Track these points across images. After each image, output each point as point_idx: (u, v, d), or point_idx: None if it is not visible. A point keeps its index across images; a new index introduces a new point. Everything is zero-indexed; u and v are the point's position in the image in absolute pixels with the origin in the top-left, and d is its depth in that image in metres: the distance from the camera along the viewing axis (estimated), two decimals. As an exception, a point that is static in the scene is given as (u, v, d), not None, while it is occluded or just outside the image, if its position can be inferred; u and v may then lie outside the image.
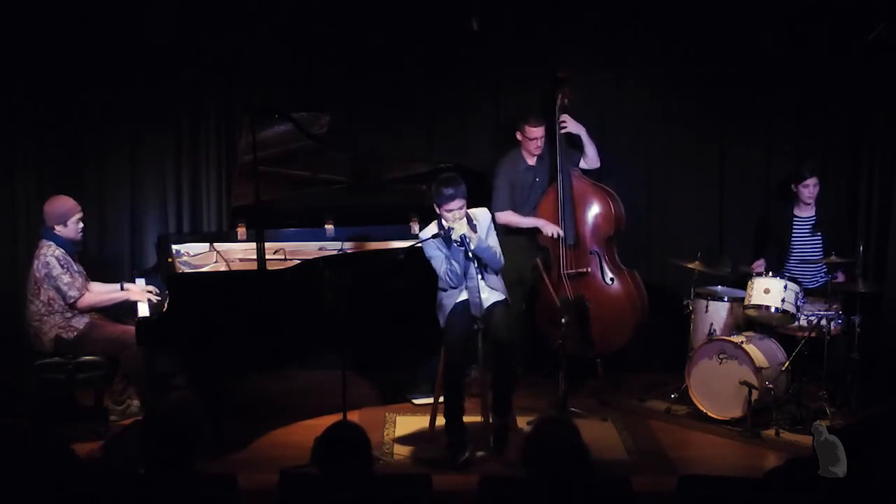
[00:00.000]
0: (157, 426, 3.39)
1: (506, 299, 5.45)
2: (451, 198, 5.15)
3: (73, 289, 5.45)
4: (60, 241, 5.52)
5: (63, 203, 5.59)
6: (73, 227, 5.57)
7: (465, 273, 5.26)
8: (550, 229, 6.25)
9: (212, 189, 6.71)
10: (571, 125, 6.33)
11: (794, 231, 6.30)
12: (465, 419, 5.34)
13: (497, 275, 5.43)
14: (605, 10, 6.64)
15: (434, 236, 5.28)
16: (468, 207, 5.29)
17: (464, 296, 5.32)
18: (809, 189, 6.22)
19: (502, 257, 5.39)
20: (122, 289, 5.77)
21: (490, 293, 5.37)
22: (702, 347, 5.94)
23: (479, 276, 5.20)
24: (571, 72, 6.38)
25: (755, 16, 6.58)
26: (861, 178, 6.65)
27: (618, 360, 6.46)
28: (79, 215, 5.60)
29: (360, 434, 3.37)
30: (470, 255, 5.17)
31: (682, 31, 6.65)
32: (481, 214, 5.40)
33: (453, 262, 5.25)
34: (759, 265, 6.23)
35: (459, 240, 5.15)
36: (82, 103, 6.52)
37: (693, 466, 5.25)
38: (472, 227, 5.25)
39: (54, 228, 5.52)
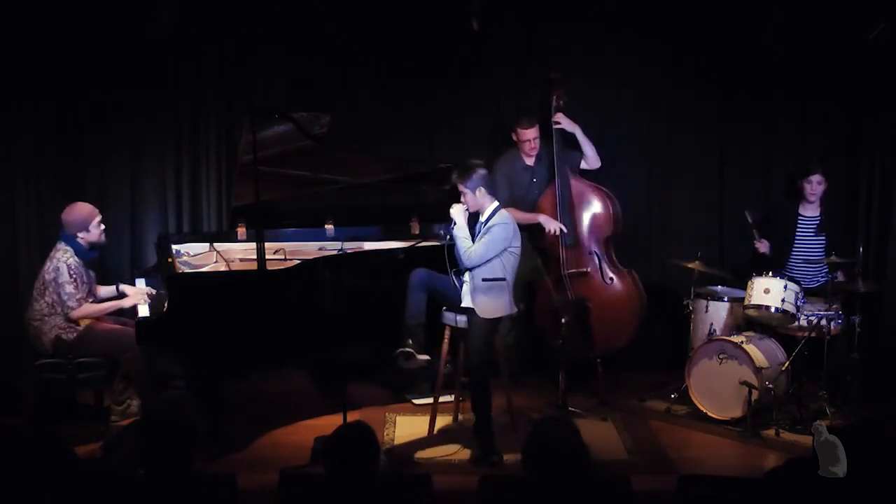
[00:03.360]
0: (153, 426, 3.39)
1: (472, 310, 5.31)
2: (455, 179, 5.38)
3: (73, 300, 5.45)
4: (80, 249, 5.52)
5: (80, 209, 5.59)
6: (95, 232, 5.58)
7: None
8: (552, 225, 6.25)
9: (212, 189, 6.71)
10: (566, 123, 6.34)
11: (799, 230, 6.29)
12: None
13: (480, 278, 5.30)
14: (604, 10, 6.64)
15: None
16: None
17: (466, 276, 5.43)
18: (812, 186, 6.22)
19: (471, 259, 5.25)
20: (117, 290, 5.76)
21: (467, 292, 5.36)
22: (702, 347, 5.94)
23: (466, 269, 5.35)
24: (564, 72, 6.38)
25: (755, 16, 6.58)
26: (861, 178, 6.65)
27: (618, 360, 6.45)
28: (98, 218, 5.61)
29: (371, 435, 3.36)
30: (448, 235, 5.38)
31: (682, 32, 6.65)
32: (498, 217, 5.36)
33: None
34: (764, 245, 6.25)
35: (449, 217, 5.35)
36: (82, 103, 6.52)
37: (693, 466, 5.25)
38: (486, 224, 5.32)
39: (77, 236, 5.52)
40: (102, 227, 5.63)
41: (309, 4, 6.54)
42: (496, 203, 5.41)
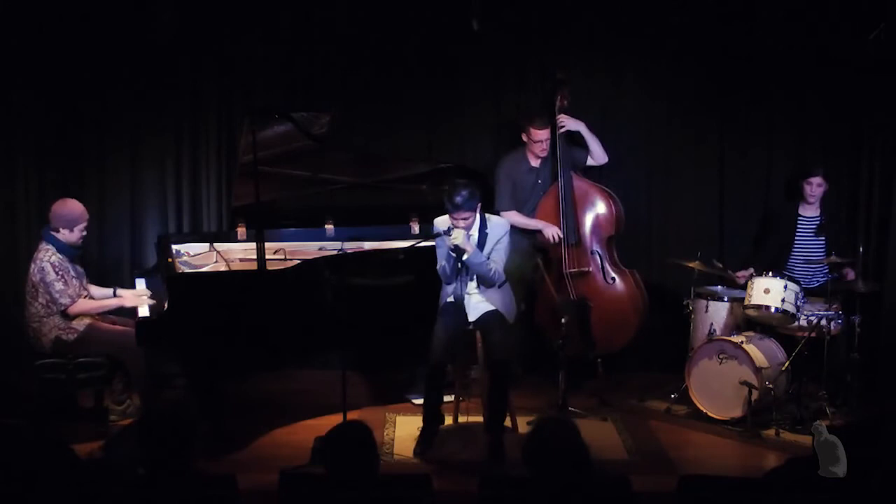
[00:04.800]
0: (153, 425, 3.39)
1: (496, 310, 5.41)
2: (458, 208, 5.20)
3: (65, 296, 5.43)
4: (60, 246, 5.50)
5: (74, 208, 5.56)
6: (77, 234, 5.55)
7: (457, 275, 5.36)
8: (550, 232, 6.25)
9: (212, 189, 6.71)
10: (570, 123, 6.33)
11: (799, 230, 6.29)
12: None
13: (498, 287, 5.43)
14: (604, 11, 6.64)
15: (436, 235, 5.35)
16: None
17: (452, 298, 5.42)
18: (812, 187, 6.22)
19: (500, 275, 5.37)
20: (115, 295, 5.74)
21: (481, 300, 5.40)
22: (702, 347, 5.94)
23: (473, 281, 5.36)
24: (570, 73, 6.39)
25: (755, 16, 6.57)
26: (861, 178, 6.64)
27: (618, 360, 6.46)
28: (85, 223, 5.60)
29: (368, 434, 3.36)
30: (459, 265, 5.30)
31: (681, 31, 6.64)
32: (498, 226, 5.41)
33: (445, 262, 5.34)
34: (743, 275, 6.20)
35: (453, 248, 5.25)
36: (83, 104, 6.52)
37: (693, 466, 5.24)
38: (483, 238, 5.32)
39: (59, 230, 5.50)
40: (85, 233, 5.61)
41: (309, 5, 6.54)
42: None
